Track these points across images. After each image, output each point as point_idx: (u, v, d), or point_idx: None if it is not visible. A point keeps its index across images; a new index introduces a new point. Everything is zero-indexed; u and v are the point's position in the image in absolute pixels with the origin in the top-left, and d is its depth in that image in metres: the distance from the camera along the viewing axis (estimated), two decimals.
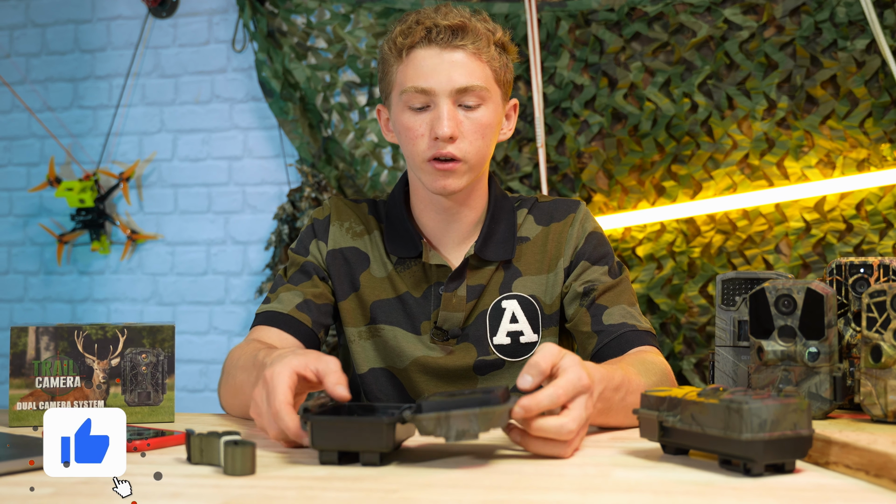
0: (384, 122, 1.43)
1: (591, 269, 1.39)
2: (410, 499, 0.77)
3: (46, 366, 1.17)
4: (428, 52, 1.30)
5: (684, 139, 2.55)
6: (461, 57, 1.30)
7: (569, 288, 1.40)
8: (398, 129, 1.35)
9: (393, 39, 1.33)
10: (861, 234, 2.44)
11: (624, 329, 1.34)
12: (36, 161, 3.11)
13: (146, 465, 0.92)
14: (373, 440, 0.88)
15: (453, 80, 1.29)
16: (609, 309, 1.36)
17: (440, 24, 1.29)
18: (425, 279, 1.40)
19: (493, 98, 1.34)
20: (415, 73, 1.30)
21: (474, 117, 1.31)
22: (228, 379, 1.26)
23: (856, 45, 2.43)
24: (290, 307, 1.37)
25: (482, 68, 1.31)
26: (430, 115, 1.31)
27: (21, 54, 3.12)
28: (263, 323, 1.37)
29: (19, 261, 3.13)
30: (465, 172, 1.32)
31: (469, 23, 1.31)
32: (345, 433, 0.88)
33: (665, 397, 0.92)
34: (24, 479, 0.85)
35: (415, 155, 1.32)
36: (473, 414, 0.85)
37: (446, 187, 1.31)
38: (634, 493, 0.79)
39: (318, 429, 0.89)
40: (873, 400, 1.05)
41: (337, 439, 0.89)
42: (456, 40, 1.29)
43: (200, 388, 2.94)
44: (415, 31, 1.30)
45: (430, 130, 1.30)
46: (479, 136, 1.32)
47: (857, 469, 0.84)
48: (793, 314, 1.08)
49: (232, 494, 0.79)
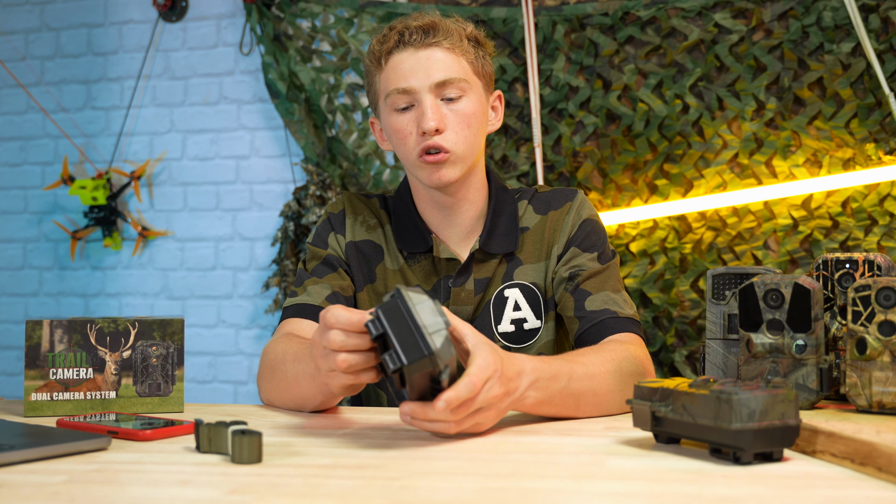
0: (378, 132, 1.45)
1: (580, 256, 1.39)
2: (412, 486, 0.77)
3: (60, 358, 1.17)
4: (404, 54, 1.32)
5: (676, 139, 2.55)
6: (436, 53, 1.32)
7: (556, 273, 1.40)
8: (389, 133, 1.36)
9: (371, 51, 1.36)
10: (846, 230, 2.44)
11: (605, 315, 1.32)
12: (50, 160, 3.10)
13: (157, 453, 0.92)
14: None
15: (431, 76, 1.31)
16: (592, 295, 1.35)
17: (411, 25, 1.32)
18: (434, 272, 1.40)
19: (473, 89, 1.35)
20: (395, 75, 1.32)
21: (457, 108, 1.32)
22: (277, 374, 1.22)
23: (841, 49, 2.43)
24: (321, 299, 1.36)
25: (458, 61, 1.33)
26: (415, 112, 1.32)
27: (36, 57, 3.12)
28: (294, 315, 1.36)
29: (34, 256, 3.13)
30: (456, 162, 1.33)
31: (439, 22, 1.34)
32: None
33: (657, 388, 0.91)
34: (38, 468, 0.85)
35: (407, 154, 1.34)
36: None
37: (441, 178, 1.32)
38: (628, 481, 0.79)
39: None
40: (858, 391, 1.05)
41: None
42: (428, 38, 1.31)
43: (209, 380, 2.94)
44: (389, 37, 1.33)
45: (416, 127, 1.31)
46: (464, 126, 1.33)
47: (842, 457, 0.84)
48: (781, 308, 1.08)
49: (239, 482, 0.78)
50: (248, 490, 0.76)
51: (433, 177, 1.32)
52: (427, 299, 0.90)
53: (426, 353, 0.87)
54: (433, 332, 0.88)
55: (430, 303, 0.90)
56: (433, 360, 0.87)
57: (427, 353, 0.87)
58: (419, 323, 0.88)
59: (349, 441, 0.98)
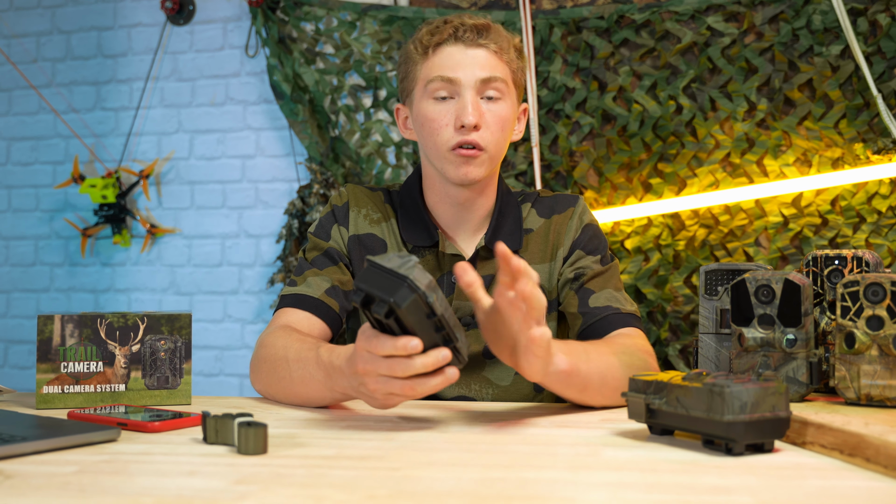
0: (402, 120, 1.43)
1: (584, 258, 1.39)
2: (413, 476, 0.77)
3: (71, 352, 1.17)
4: (454, 48, 1.31)
5: (670, 139, 2.55)
6: (484, 54, 1.32)
7: (562, 274, 1.40)
8: (420, 120, 1.34)
9: (419, 39, 1.34)
10: (836, 228, 2.44)
11: (608, 312, 1.33)
12: (61, 160, 3.10)
13: (165, 444, 0.92)
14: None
15: (477, 72, 1.30)
16: (596, 293, 1.35)
17: (466, 23, 1.32)
18: (439, 268, 1.38)
19: (510, 95, 1.35)
20: (441, 65, 1.31)
21: (495, 109, 1.32)
22: (278, 370, 1.20)
23: (831, 51, 2.43)
24: (320, 292, 1.34)
25: (502, 66, 1.33)
26: (455, 105, 1.31)
27: (47, 59, 3.11)
28: (291, 305, 1.34)
29: (46, 253, 3.13)
30: (486, 161, 1.32)
31: (493, 25, 1.34)
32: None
33: (651, 381, 0.91)
34: (49, 459, 0.85)
35: (439, 145, 1.32)
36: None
37: (468, 175, 1.31)
38: (623, 471, 0.79)
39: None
40: (847, 384, 1.05)
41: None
42: (480, 39, 1.31)
43: (216, 373, 2.94)
44: (442, 30, 1.32)
45: (454, 120, 1.30)
46: (499, 128, 1.32)
47: (832, 449, 0.84)
48: (772, 303, 1.08)
49: (245, 472, 0.78)
50: (253, 480, 0.75)
51: (460, 171, 1.31)
52: (393, 254, 0.92)
53: (404, 283, 0.88)
54: (402, 267, 0.90)
55: (395, 253, 0.93)
56: (412, 285, 0.88)
57: (405, 283, 0.88)
58: (388, 267, 0.90)
59: (352, 432, 0.98)
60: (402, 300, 0.88)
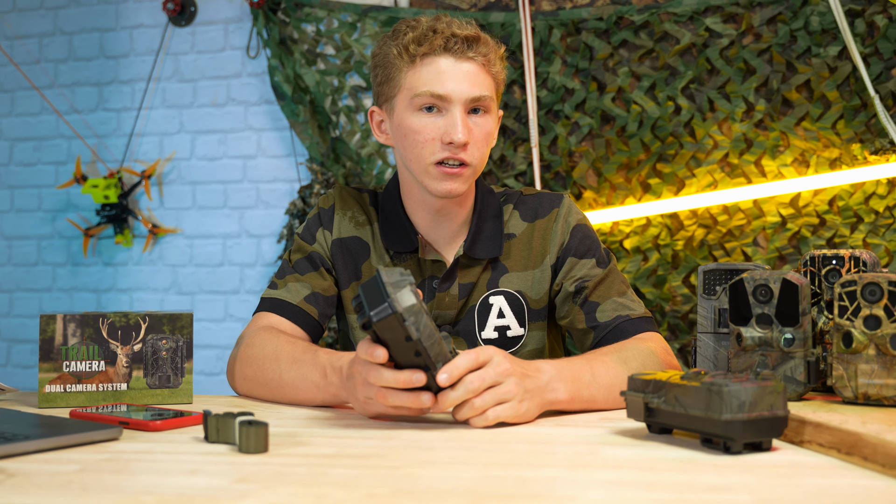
0: (377, 123, 1.38)
1: (579, 265, 1.36)
2: (413, 475, 0.77)
3: (73, 351, 1.17)
4: (444, 60, 1.26)
5: (668, 139, 2.55)
6: (473, 68, 1.27)
7: (560, 286, 1.36)
8: (403, 130, 1.29)
9: (404, 45, 1.27)
10: (833, 228, 2.44)
11: (618, 321, 1.31)
12: (64, 160, 3.10)
13: (166, 442, 0.92)
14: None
15: (467, 90, 1.26)
16: (601, 305, 1.33)
17: (458, 34, 1.26)
18: (420, 273, 1.36)
19: (493, 108, 1.32)
20: (430, 78, 1.26)
21: (481, 123, 1.29)
22: (265, 371, 1.20)
23: (828, 52, 2.42)
24: (299, 298, 1.33)
25: (489, 80, 1.29)
26: (443, 120, 1.26)
27: (50, 60, 3.11)
28: (271, 310, 1.33)
29: (48, 253, 3.13)
30: (470, 177, 1.30)
31: (482, 36, 1.28)
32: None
33: (650, 380, 0.91)
34: (51, 457, 0.85)
35: (421, 158, 1.28)
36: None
37: (452, 191, 1.28)
38: (622, 470, 0.79)
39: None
40: (844, 383, 1.05)
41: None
42: (469, 51, 1.26)
43: (217, 372, 2.94)
44: (432, 40, 1.25)
45: (441, 135, 1.26)
46: (484, 143, 1.30)
47: (829, 447, 0.84)
48: (769, 303, 1.08)
49: (246, 471, 0.78)
50: (254, 479, 0.75)
51: (444, 187, 1.28)
52: (396, 270, 0.94)
53: (385, 300, 0.91)
54: (392, 284, 0.92)
55: (398, 270, 0.95)
56: (391, 304, 0.91)
57: (386, 300, 0.91)
58: (383, 281, 0.92)
59: (352, 431, 0.98)
60: (377, 316, 0.91)
